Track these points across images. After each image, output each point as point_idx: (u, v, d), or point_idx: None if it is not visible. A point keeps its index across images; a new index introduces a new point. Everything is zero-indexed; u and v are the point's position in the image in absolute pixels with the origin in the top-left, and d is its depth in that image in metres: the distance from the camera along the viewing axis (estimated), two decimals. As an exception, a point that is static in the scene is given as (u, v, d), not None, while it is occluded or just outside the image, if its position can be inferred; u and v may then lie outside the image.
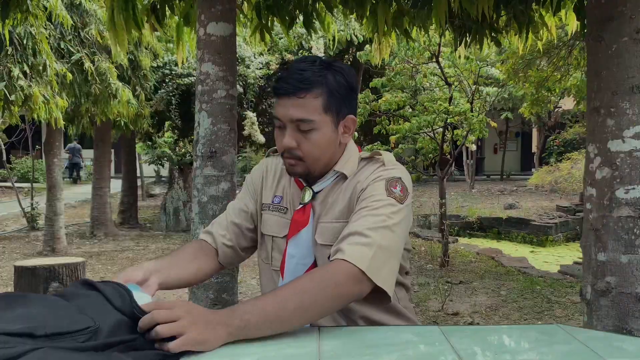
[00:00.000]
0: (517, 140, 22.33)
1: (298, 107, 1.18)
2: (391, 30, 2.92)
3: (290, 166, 1.25)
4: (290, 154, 1.22)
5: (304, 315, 1.02)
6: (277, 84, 1.19)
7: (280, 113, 1.20)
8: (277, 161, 1.40)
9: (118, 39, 2.51)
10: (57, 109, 5.50)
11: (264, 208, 1.36)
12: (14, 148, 17.46)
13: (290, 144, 1.20)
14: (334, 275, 1.04)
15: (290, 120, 1.19)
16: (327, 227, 1.25)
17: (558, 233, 8.27)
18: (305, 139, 1.21)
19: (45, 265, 3.41)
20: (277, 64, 8.19)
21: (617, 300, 1.76)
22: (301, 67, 1.19)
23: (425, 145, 7.65)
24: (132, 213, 10.06)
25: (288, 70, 1.21)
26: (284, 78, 1.20)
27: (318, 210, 1.27)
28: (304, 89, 1.17)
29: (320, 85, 1.19)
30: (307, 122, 1.19)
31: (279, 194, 1.35)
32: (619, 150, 1.77)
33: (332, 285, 1.03)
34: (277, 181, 1.38)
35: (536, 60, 6.54)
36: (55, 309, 0.88)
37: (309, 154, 1.22)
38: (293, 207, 1.31)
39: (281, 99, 1.19)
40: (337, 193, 1.27)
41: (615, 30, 1.78)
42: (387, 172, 1.20)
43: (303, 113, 1.18)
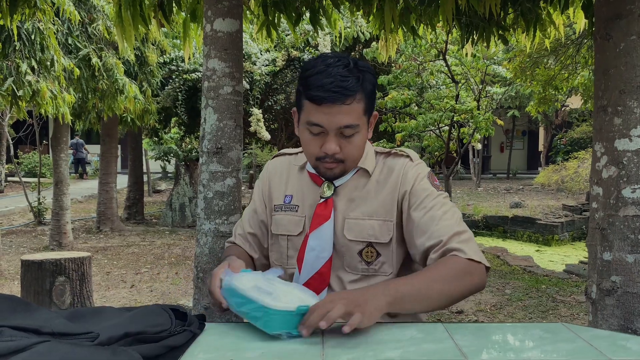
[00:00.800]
0: (524, 139, 22.25)
1: (345, 114, 1.17)
2: (398, 27, 2.91)
3: (328, 170, 1.25)
4: (333, 158, 1.22)
5: (446, 299, 1.14)
6: (319, 93, 1.15)
7: (323, 120, 1.18)
8: (283, 161, 1.42)
9: (125, 34, 2.51)
10: (65, 104, 5.53)
11: (276, 209, 1.37)
12: (22, 143, 17.59)
13: (335, 150, 1.20)
14: (458, 269, 1.14)
15: (336, 127, 1.18)
16: (357, 224, 1.27)
17: (564, 232, 8.24)
18: (348, 143, 1.22)
19: (52, 260, 3.43)
20: (283, 61, 8.19)
21: (622, 300, 1.75)
22: (341, 72, 1.16)
23: (431, 143, 7.64)
24: (138, 208, 10.11)
25: (324, 75, 1.16)
26: (325, 85, 1.15)
27: (341, 205, 1.29)
28: (350, 95, 1.17)
29: (360, 89, 1.19)
30: (353, 127, 1.20)
31: (289, 193, 1.36)
32: (626, 149, 1.76)
33: (468, 277, 1.15)
34: (285, 181, 1.38)
35: (543, 59, 6.51)
36: (59, 315, 0.89)
37: (351, 156, 1.24)
38: (307, 203, 1.32)
39: (323, 107, 1.16)
40: (364, 190, 1.29)
41: (623, 29, 1.77)
42: (419, 167, 1.29)
43: (350, 119, 1.18)
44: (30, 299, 3.35)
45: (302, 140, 1.25)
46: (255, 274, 1.09)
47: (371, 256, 1.27)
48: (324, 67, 1.18)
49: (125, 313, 0.97)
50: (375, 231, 1.26)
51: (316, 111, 1.18)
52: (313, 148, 1.23)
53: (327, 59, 1.20)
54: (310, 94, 1.17)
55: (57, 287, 3.40)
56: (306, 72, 1.20)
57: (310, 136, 1.22)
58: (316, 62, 1.21)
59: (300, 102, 1.23)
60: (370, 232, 1.26)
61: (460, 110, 6.18)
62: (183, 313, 1.01)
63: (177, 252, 7.04)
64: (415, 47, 6.46)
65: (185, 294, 4.89)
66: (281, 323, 0.98)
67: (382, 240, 1.26)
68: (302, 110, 1.22)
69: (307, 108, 1.20)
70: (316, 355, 0.91)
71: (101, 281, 5.46)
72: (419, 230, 1.22)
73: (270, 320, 0.97)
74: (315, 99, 1.16)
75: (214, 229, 2.18)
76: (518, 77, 6.97)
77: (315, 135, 1.21)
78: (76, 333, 0.82)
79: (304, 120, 1.22)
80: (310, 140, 1.22)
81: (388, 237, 1.27)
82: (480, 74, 6.94)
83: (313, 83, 1.17)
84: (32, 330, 0.79)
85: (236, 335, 1.02)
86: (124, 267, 6.16)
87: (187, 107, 8.27)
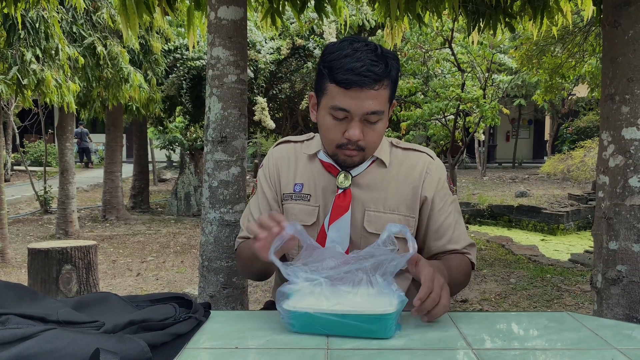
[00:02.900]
0: (530, 128, 22.12)
1: (372, 99, 1.15)
2: (403, 15, 2.88)
3: (348, 157, 1.23)
4: (356, 145, 1.20)
5: (457, 289, 1.28)
6: (349, 76, 1.13)
7: (350, 105, 1.15)
8: (288, 148, 1.38)
9: (129, 23, 2.50)
10: (70, 93, 5.52)
11: (286, 198, 1.33)
12: (27, 132, 17.65)
13: (360, 136, 1.18)
14: (468, 267, 1.32)
15: (362, 113, 1.16)
16: (378, 217, 1.26)
17: (569, 221, 8.21)
18: (371, 130, 1.20)
19: (58, 248, 3.45)
20: (288, 49, 8.14)
21: (627, 289, 1.75)
22: (370, 57, 1.14)
23: (437, 132, 7.59)
24: (144, 197, 10.14)
25: (353, 59, 1.14)
26: (355, 69, 1.13)
27: (360, 196, 1.27)
28: (379, 81, 1.15)
29: (388, 76, 1.17)
30: (378, 113, 1.18)
31: (299, 182, 1.32)
32: (634, 137, 1.74)
33: (468, 273, 1.32)
34: (294, 168, 1.34)
35: (550, 47, 6.45)
36: (65, 304, 0.90)
37: (372, 143, 1.23)
38: (320, 193, 1.29)
39: (351, 91, 1.14)
40: (383, 182, 1.28)
41: (632, 16, 1.75)
42: (440, 169, 1.33)
43: (377, 105, 1.16)
44: (37, 287, 3.38)
45: (323, 125, 1.22)
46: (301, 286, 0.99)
47: None
48: (351, 50, 1.15)
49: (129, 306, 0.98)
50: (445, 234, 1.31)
51: (343, 95, 1.15)
52: (335, 134, 1.20)
53: (353, 42, 1.16)
54: (339, 77, 1.13)
55: (64, 275, 3.43)
56: (332, 55, 1.16)
57: (333, 121, 1.19)
58: (342, 45, 1.17)
59: (323, 86, 1.19)
60: None
61: (466, 99, 6.13)
62: (188, 301, 1.01)
63: (182, 241, 7.07)
64: (421, 35, 6.41)
65: (190, 282, 4.92)
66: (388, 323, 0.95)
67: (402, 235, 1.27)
68: (325, 95, 1.19)
69: (332, 92, 1.16)
70: (321, 344, 0.91)
71: (107, 269, 5.49)
72: (438, 233, 1.31)
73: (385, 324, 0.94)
74: (343, 82, 1.13)
75: (219, 218, 2.18)
76: (524, 65, 6.91)
77: (339, 121, 1.18)
78: (82, 322, 0.82)
79: (328, 105, 1.18)
80: (332, 126, 1.19)
81: None
82: (487, 62, 6.89)
83: (341, 66, 1.13)
84: (38, 319, 0.79)
85: (241, 323, 1.03)
86: (129, 256, 6.19)
87: (192, 96, 8.25)
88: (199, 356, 0.87)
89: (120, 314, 0.92)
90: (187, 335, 0.93)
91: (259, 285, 4.81)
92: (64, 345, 0.74)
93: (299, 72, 8.20)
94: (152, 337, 0.85)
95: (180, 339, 0.91)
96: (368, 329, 0.93)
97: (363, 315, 0.92)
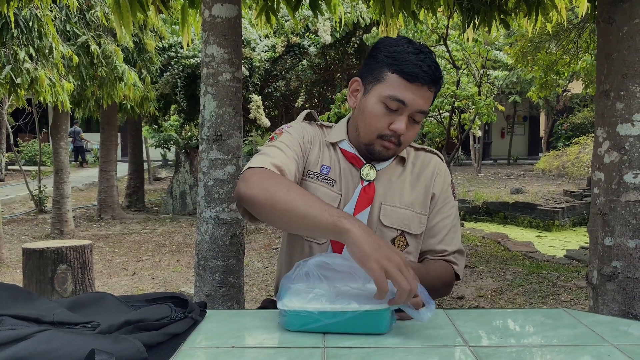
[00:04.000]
0: (525, 125, 22.19)
1: (427, 99, 1.20)
2: (398, 12, 2.88)
3: (385, 149, 1.25)
4: (397, 139, 1.23)
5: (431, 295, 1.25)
6: (417, 70, 1.16)
7: (409, 98, 1.18)
8: (317, 130, 1.36)
9: (123, 21, 2.49)
10: (64, 92, 5.50)
11: (310, 176, 1.29)
12: (21, 131, 17.55)
13: (404, 131, 1.21)
14: (449, 277, 1.31)
15: (415, 109, 1.19)
16: (394, 211, 1.29)
17: (565, 218, 8.23)
18: (412, 128, 1.24)
19: (53, 248, 3.43)
20: (282, 47, 8.13)
21: (623, 285, 1.76)
22: (433, 60, 1.19)
23: (432, 129, 7.61)
24: (139, 196, 10.11)
25: (419, 57, 1.17)
26: (423, 66, 1.17)
27: (379, 190, 1.29)
28: (436, 84, 1.21)
29: (439, 83, 1.22)
30: (424, 114, 1.23)
31: (327, 164, 1.30)
32: (628, 134, 1.75)
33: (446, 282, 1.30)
34: (321, 150, 1.32)
35: (545, 43, 6.46)
36: (60, 304, 0.89)
37: (408, 141, 1.27)
38: (343, 182, 1.29)
39: (414, 85, 1.17)
40: (400, 178, 1.32)
41: (626, 12, 1.75)
42: (447, 173, 1.38)
43: (427, 106, 1.22)
44: (32, 287, 3.36)
45: (371, 112, 1.21)
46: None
47: (401, 245, 1.29)
48: (415, 49, 1.19)
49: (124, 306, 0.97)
50: (410, 221, 1.29)
51: (404, 87, 1.17)
52: (381, 123, 1.21)
53: (414, 43, 1.21)
54: (406, 68, 1.16)
55: (59, 275, 3.41)
56: (395, 48, 1.19)
57: (384, 111, 1.20)
58: (402, 41, 1.20)
59: (380, 74, 1.20)
60: (406, 221, 1.29)
61: (461, 95, 6.14)
62: (184, 300, 1.01)
63: (178, 240, 7.05)
64: (416, 32, 6.41)
65: (186, 281, 4.91)
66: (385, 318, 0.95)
67: (414, 231, 1.30)
68: (382, 82, 1.20)
69: (393, 82, 1.18)
70: (318, 342, 0.91)
71: (103, 269, 5.47)
72: (433, 232, 1.33)
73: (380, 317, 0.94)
74: (410, 74, 1.16)
75: (214, 217, 2.18)
76: (519, 62, 6.92)
77: (390, 112, 1.20)
78: (77, 322, 0.82)
79: (384, 93, 1.19)
80: (382, 115, 1.21)
81: (420, 229, 1.31)
82: (482, 59, 6.89)
83: (409, 60, 1.17)
84: (33, 320, 0.79)
85: (238, 323, 1.03)
86: (125, 255, 6.18)
87: (187, 94, 8.23)
88: (195, 356, 0.86)
89: (115, 314, 0.91)
90: (183, 335, 0.93)
91: (255, 284, 4.81)
92: (59, 346, 0.74)
93: (294, 69, 8.18)
94: (147, 337, 0.85)
95: (176, 338, 0.91)
96: (365, 325, 0.94)
97: (360, 312, 0.92)
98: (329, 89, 8.84)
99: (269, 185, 1.06)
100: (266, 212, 1.07)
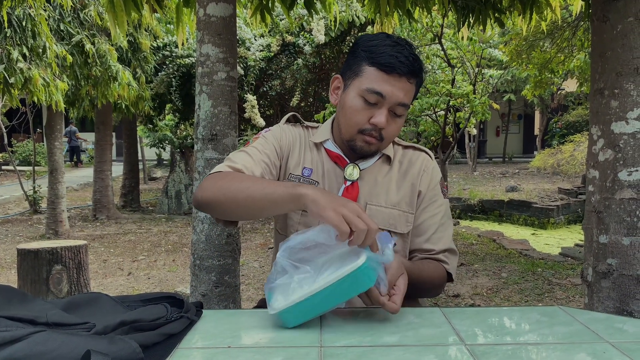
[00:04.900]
0: (520, 123, 22.25)
1: (406, 91, 1.19)
2: (393, 11, 2.88)
3: (367, 144, 1.23)
4: (378, 133, 1.21)
5: (418, 292, 1.23)
6: (392, 61, 1.15)
7: (386, 90, 1.17)
8: (300, 131, 1.36)
9: (117, 20, 2.48)
10: (58, 91, 5.48)
11: (292, 179, 1.30)
12: (15, 131, 17.45)
13: (385, 124, 1.20)
14: (440, 277, 1.28)
15: (394, 101, 1.18)
16: (379, 211, 1.27)
17: (560, 215, 8.26)
18: (394, 122, 1.22)
19: (48, 248, 3.42)
20: (277, 46, 8.11)
21: (618, 282, 1.76)
22: (410, 52, 1.18)
23: (428, 128, 7.62)
24: (134, 196, 10.08)
25: (395, 49, 1.16)
26: (399, 57, 1.16)
27: (363, 190, 1.28)
28: (416, 76, 1.19)
29: (419, 75, 1.21)
30: (405, 107, 1.21)
31: (308, 166, 1.31)
32: (623, 132, 1.75)
33: (436, 282, 1.27)
34: (302, 152, 1.32)
35: (540, 42, 6.48)
36: (55, 305, 0.89)
37: (391, 136, 1.25)
38: (326, 182, 1.29)
39: (391, 77, 1.16)
40: (386, 177, 1.30)
41: (620, 10, 1.75)
42: (435, 171, 1.35)
43: (407, 98, 1.20)
44: (27, 288, 3.35)
45: (350, 107, 1.21)
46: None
47: None
48: (392, 42, 1.18)
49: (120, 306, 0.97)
50: (396, 221, 1.28)
51: (382, 80, 1.17)
52: (361, 118, 1.20)
53: (392, 37, 1.20)
54: (382, 59, 1.16)
55: (54, 275, 3.40)
56: (371, 42, 1.19)
57: (363, 105, 1.19)
58: (379, 36, 1.20)
59: (358, 69, 1.20)
60: (391, 221, 1.27)
61: (456, 94, 6.15)
62: (180, 300, 1.00)
63: (173, 240, 7.04)
64: (411, 31, 6.42)
65: (182, 281, 4.90)
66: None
67: (400, 230, 1.29)
68: (360, 76, 1.19)
69: (370, 75, 1.18)
70: (314, 341, 0.91)
71: (98, 269, 5.46)
72: (419, 230, 1.31)
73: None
74: (386, 66, 1.15)
75: (210, 216, 2.17)
76: (514, 60, 6.94)
77: (369, 105, 1.19)
78: (72, 323, 0.81)
79: (362, 87, 1.18)
80: (361, 109, 1.20)
81: (407, 228, 1.30)
82: (476, 57, 6.91)
83: (385, 51, 1.16)
84: (28, 321, 0.78)
85: (234, 322, 1.02)
86: (121, 255, 6.16)
87: (182, 94, 8.21)
88: (192, 356, 0.86)
89: (111, 314, 0.91)
90: (179, 335, 0.92)
91: (251, 283, 4.80)
92: (54, 347, 0.73)
93: (289, 69, 8.18)
94: (143, 338, 0.84)
95: (172, 339, 0.90)
96: (351, 288, 0.95)
97: (340, 280, 0.93)
98: (325, 88, 8.84)
99: (223, 184, 1.10)
100: (228, 207, 1.10)
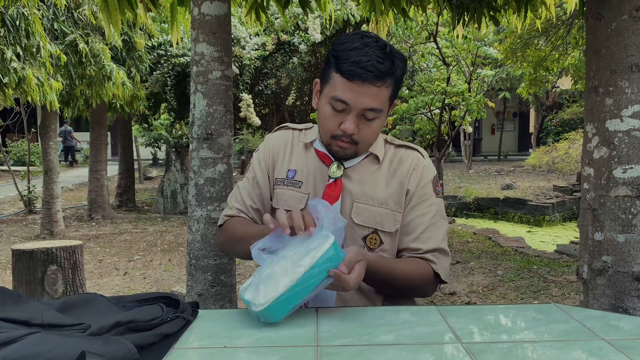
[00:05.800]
0: (515, 121, 22.30)
1: (372, 96, 1.16)
2: (388, 9, 2.88)
3: (341, 149, 1.24)
4: (349, 138, 1.21)
5: (398, 290, 1.25)
6: (353, 68, 1.14)
7: (349, 98, 1.16)
8: (287, 135, 1.38)
9: (111, 19, 2.47)
10: (52, 91, 5.45)
11: (278, 183, 1.34)
12: (9, 131, 17.38)
13: (354, 130, 1.19)
14: (425, 276, 1.25)
15: (360, 107, 1.17)
16: (366, 209, 1.27)
17: (555, 213, 8.29)
18: (367, 126, 1.21)
19: (43, 249, 3.40)
20: (273, 45, 8.10)
21: (613, 279, 1.77)
22: (377, 53, 1.15)
23: (423, 126, 7.63)
24: (130, 196, 10.05)
25: (360, 53, 1.14)
26: (361, 62, 1.13)
27: (350, 188, 1.28)
28: (382, 78, 1.16)
29: (392, 74, 1.18)
30: (376, 111, 1.19)
31: (293, 168, 1.33)
32: (617, 129, 1.76)
33: (418, 281, 1.24)
34: (289, 155, 1.35)
35: (534, 40, 6.49)
36: (49, 306, 0.88)
37: (367, 139, 1.24)
38: (311, 181, 1.30)
39: (354, 84, 1.15)
40: (374, 176, 1.29)
41: (615, 8, 1.76)
42: (427, 169, 1.32)
43: (376, 103, 1.17)
44: (22, 289, 3.33)
45: (321, 114, 1.23)
46: None
47: (374, 243, 1.27)
48: (361, 44, 1.16)
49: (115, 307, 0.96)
50: (383, 219, 1.27)
51: (345, 87, 1.16)
52: (331, 124, 1.21)
53: (364, 37, 1.18)
54: (344, 67, 1.14)
55: (49, 276, 3.38)
56: (341, 46, 1.18)
57: (332, 112, 1.20)
58: (353, 37, 1.18)
59: (328, 75, 1.20)
60: (378, 219, 1.26)
61: (452, 92, 6.16)
62: (176, 300, 1.00)
63: (169, 239, 7.02)
64: (406, 29, 6.42)
65: (178, 281, 4.89)
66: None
67: (387, 229, 1.28)
68: (328, 84, 1.20)
69: (335, 82, 1.17)
70: (310, 340, 0.91)
71: (94, 269, 5.44)
72: (407, 229, 1.28)
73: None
74: (347, 73, 1.14)
75: (205, 216, 2.17)
76: (509, 58, 6.95)
77: (337, 112, 1.19)
78: (67, 324, 0.81)
79: (329, 94, 1.19)
80: (330, 116, 1.21)
81: (394, 227, 1.28)
82: (471, 56, 6.92)
83: (348, 57, 1.15)
84: (22, 322, 0.78)
85: (230, 322, 1.02)
86: (116, 255, 6.14)
87: (177, 93, 8.18)
88: (188, 356, 0.86)
89: (106, 315, 0.91)
90: (175, 335, 0.92)
91: (247, 282, 4.80)
92: (48, 348, 0.73)
93: (284, 67, 8.17)
94: (139, 338, 0.84)
95: (168, 339, 0.90)
96: (325, 267, 0.99)
97: (312, 267, 0.97)
98: (320, 87, 8.83)
99: (225, 241, 1.37)
100: (238, 255, 1.41)
